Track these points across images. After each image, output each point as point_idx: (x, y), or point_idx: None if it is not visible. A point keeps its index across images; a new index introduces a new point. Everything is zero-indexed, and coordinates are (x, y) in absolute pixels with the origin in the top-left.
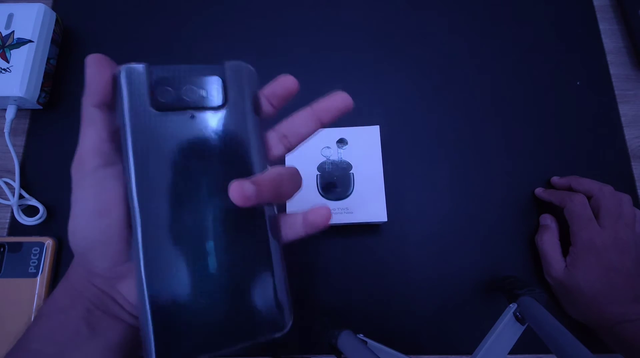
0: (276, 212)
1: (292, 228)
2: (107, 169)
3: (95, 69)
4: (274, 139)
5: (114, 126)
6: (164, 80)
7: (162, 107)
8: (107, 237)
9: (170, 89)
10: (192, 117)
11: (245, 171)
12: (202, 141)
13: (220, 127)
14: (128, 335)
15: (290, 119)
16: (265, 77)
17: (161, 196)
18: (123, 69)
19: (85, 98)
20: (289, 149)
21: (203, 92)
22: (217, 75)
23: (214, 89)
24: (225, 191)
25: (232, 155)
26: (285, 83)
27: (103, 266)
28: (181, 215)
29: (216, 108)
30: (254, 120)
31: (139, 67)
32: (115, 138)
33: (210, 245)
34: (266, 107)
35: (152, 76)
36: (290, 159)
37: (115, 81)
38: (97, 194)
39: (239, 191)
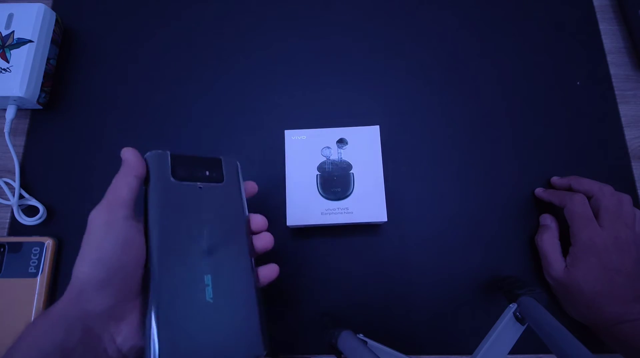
0: (254, 265)
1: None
2: (132, 221)
3: (135, 155)
4: None
5: (139, 193)
6: (181, 164)
7: (180, 178)
8: (124, 273)
9: (186, 168)
10: (200, 187)
11: (236, 223)
12: (207, 204)
13: (220, 195)
14: None
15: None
16: (266, 76)
17: (172, 242)
18: (153, 154)
19: (127, 170)
20: None
21: (208, 173)
22: (218, 164)
23: (215, 172)
24: (221, 243)
25: (226, 213)
26: (251, 186)
27: (109, 304)
28: (186, 256)
29: (217, 182)
30: (241, 192)
31: (165, 153)
32: (136, 202)
33: (206, 281)
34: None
35: (174, 160)
36: (291, 160)
37: (146, 162)
38: (127, 235)
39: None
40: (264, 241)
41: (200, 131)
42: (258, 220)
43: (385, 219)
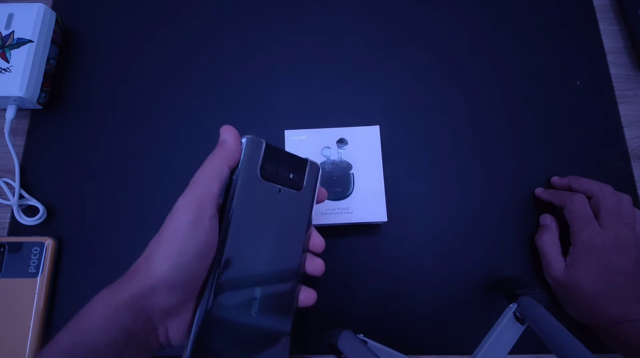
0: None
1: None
2: (215, 220)
3: (235, 139)
4: None
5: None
6: (271, 156)
7: (265, 176)
8: (199, 276)
9: (274, 165)
10: (280, 191)
11: (298, 240)
12: (280, 212)
13: (295, 205)
14: (148, 357)
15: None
16: (266, 76)
17: (241, 243)
18: (252, 139)
19: (220, 157)
20: None
21: (291, 176)
22: (303, 166)
23: (298, 175)
24: (279, 257)
25: (294, 226)
26: (322, 193)
27: (173, 302)
28: (246, 264)
29: (296, 189)
30: (313, 203)
31: (261, 141)
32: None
33: (256, 294)
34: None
35: (266, 150)
36: None
37: (241, 145)
38: (209, 239)
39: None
40: (316, 266)
41: (200, 131)
42: (317, 242)
43: (385, 219)
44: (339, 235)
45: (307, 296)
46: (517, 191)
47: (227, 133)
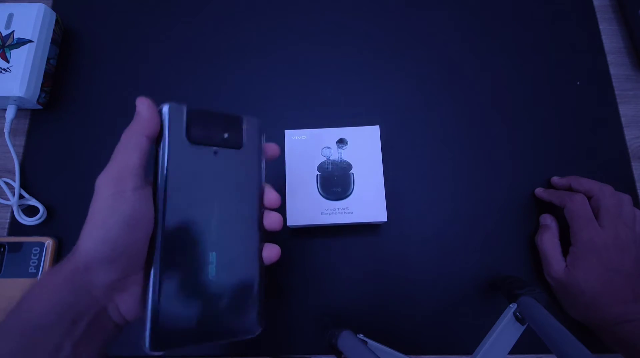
0: (261, 244)
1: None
2: (141, 191)
3: (149, 108)
4: None
5: (149, 154)
6: (197, 120)
7: (195, 141)
8: (131, 248)
9: (202, 127)
10: (216, 153)
11: (248, 199)
12: (220, 173)
13: (237, 164)
14: (110, 340)
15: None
16: (266, 76)
17: (180, 215)
18: (169, 107)
19: (135, 128)
20: None
21: (226, 135)
22: (238, 124)
23: (234, 134)
24: (230, 219)
25: (240, 186)
26: (273, 149)
27: (113, 278)
28: (194, 231)
29: (235, 148)
30: (260, 160)
31: (181, 106)
32: (148, 162)
33: (211, 259)
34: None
35: (189, 115)
36: (291, 160)
37: (161, 115)
38: (133, 211)
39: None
40: (272, 221)
41: None
42: (272, 197)
43: (385, 219)
44: (339, 234)
45: (270, 252)
46: (517, 191)
47: (140, 103)
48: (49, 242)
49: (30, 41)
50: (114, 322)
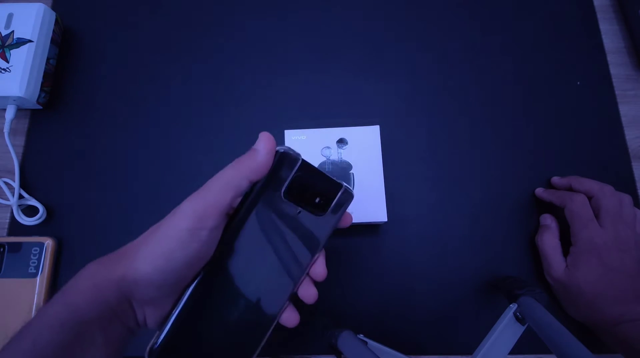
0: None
1: None
2: (217, 231)
3: (269, 152)
4: None
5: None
6: (302, 175)
7: (288, 196)
8: (182, 282)
9: (302, 186)
10: (299, 213)
11: (301, 263)
12: (292, 230)
13: (310, 227)
14: (128, 341)
15: None
16: (266, 76)
17: (235, 256)
18: (288, 153)
19: (244, 169)
20: None
21: (317, 200)
22: (334, 191)
23: (325, 200)
24: (279, 270)
25: (302, 247)
26: (348, 220)
27: (153, 296)
28: (238, 272)
29: (317, 214)
30: (333, 230)
31: (298, 157)
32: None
33: (239, 304)
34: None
35: (299, 168)
36: None
37: (274, 156)
38: (202, 250)
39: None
40: (307, 294)
41: (200, 131)
42: (319, 271)
43: (385, 219)
44: (339, 234)
45: (290, 318)
46: (517, 191)
47: (263, 142)
48: (48, 242)
49: (30, 41)
50: (138, 324)
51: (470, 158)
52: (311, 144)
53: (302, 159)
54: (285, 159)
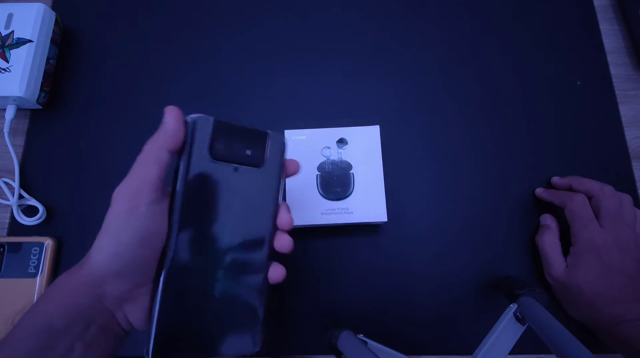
0: (268, 264)
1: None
2: (156, 205)
3: (177, 120)
4: None
5: (170, 168)
6: (222, 134)
7: (217, 157)
8: (142, 264)
9: (225, 143)
10: (236, 169)
11: (263, 219)
12: (238, 191)
13: (255, 183)
14: (116, 345)
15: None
16: (266, 76)
17: (194, 227)
18: (197, 119)
19: (158, 141)
20: None
21: (248, 152)
22: (262, 140)
23: (256, 151)
24: (242, 238)
25: (256, 205)
26: (293, 166)
27: (123, 289)
28: (203, 247)
29: (255, 166)
30: (279, 179)
31: (209, 119)
32: (165, 178)
33: (218, 276)
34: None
35: (215, 128)
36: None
37: (187, 126)
38: (147, 227)
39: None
40: (283, 243)
41: None
42: (284, 219)
43: (385, 219)
44: (339, 234)
45: (275, 272)
46: (517, 191)
47: (169, 113)
48: (48, 242)
49: (30, 41)
50: (123, 328)
51: (470, 158)
52: (311, 144)
53: (215, 119)
54: (198, 123)
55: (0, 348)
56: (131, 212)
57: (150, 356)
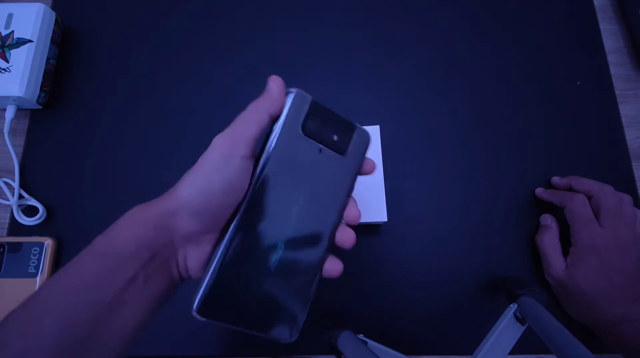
0: (326, 254)
1: None
2: (248, 161)
3: (280, 88)
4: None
5: (265, 130)
6: (316, 113)
7: (307, 133)
8: (219, 211)
9: (317, 122)
10: (320, 151)
11: (334, 206)
12: (318, 171)
13: (335, 169)
14: (170, 289)
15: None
16: (266, 76)
17: (269, 195)
18: (298, 93)
19: (262, 104)
20: None
21: (335, 138)
22: (350, 130)
23: (342, 139)
24: (313, 213)
25: (331, 191)
26: (371, 165)
27: (195, 230)
28: (273, 216)
29: (339, 153)
30: (357, 172)
31: (307, 96)
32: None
33: (278, 249)
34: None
35: (311, 106)
36: None
37: (286, 98)
38: (235, 178)
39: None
40: (346, 237)
41: (200, 131)
42: (353, 213)
43: (385, 219)
44: None
45: (333, 266)
46: (517, 191)
47: (273, 82)
48: (48, 242)
49: (30, 41)
50: (179, 272)
51: (470, 158)
52: None
53: (313, 99)
54: (297, 97)
55: (71, 265)
56: (226, 159)
57: (195, 309)
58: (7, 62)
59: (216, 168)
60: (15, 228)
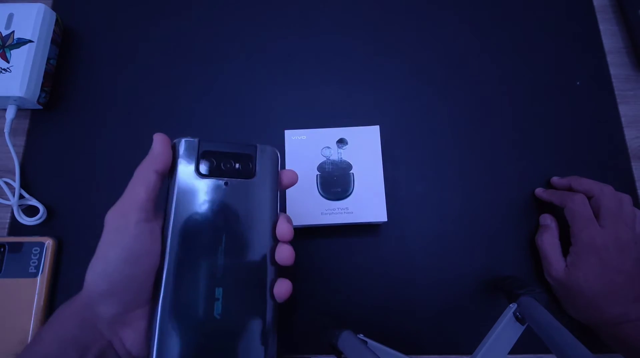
0: (272, 279)
1: None
2: (146, 224)
3: (162, 144)
4: None
5: (159, 189)
6: (208, 151)
7: (204, 174)
8: (131, 284)
9: (213, 160)
10: (226, 184)
11: (259, 231)
12: (230, 204)
13: (248, 195)
14: None
15: None
16: (266, 76)
17: (188, 245)
18: (182, 142)
19: (148, 164)
20: None
21: (237, 166)
22: (250, 154)
23: (246, 164)
24: (239, 252)
25: (250, 217)
26: (289, 176)
27: (115, 312)
28: (199, 265)
29: (246, 178)
30: (274, 189)
31: (194, 141)
32: (156, 199)
33: (217, 295)
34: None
35: (201, 148)
36: (291, 160)
37: (173, 150)
38: (135, 245)
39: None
40: (283, 255)
41: (200, 131)
42: (283, 229)
43: (385, 219)
44: (339, 235)
45: (280, 288)
46: (517, 191)
47: (155, 139)
48: (49, 242)
49: (30, 41)
50: (120, 356)
51: (470, 158)
52: (311, 144)
53: (200, 140)
54: (183, 144)
55: None
56: (118, 230)
57: None
58: (8, 62)
59: (111, 243)
60: (15, 228)
